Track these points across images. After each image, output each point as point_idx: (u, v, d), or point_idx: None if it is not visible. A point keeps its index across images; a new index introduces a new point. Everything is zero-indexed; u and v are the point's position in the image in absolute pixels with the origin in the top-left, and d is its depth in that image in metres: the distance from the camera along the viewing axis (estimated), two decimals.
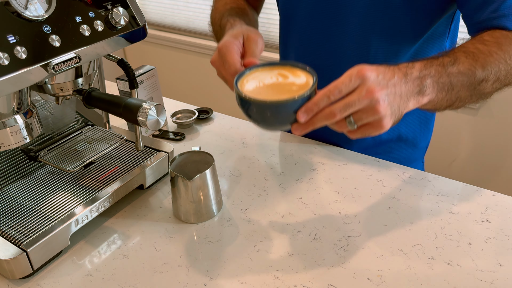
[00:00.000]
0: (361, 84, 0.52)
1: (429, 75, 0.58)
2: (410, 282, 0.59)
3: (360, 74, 0.52)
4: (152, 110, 0.61)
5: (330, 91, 0.52)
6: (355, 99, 0.51)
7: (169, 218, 0.72)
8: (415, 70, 0.57)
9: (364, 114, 0.52)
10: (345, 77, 0.52)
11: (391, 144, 0.91)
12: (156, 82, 0.95)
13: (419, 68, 0.57)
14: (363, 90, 0.51)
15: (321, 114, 0.53)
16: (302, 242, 0.66)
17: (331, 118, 0.52)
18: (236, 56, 0.62)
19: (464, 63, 0.61)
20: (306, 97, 0.53)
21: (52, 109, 0.80)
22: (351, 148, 0.88)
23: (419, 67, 0.57)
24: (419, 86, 0.56)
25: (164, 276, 0.61)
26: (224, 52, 0.62)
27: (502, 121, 1.62)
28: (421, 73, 0.57)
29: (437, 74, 0.58)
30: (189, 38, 2.32)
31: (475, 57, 0.62)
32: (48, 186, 0.73)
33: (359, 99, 0.51)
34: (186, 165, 0.73)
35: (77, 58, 0.59)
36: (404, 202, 0.73)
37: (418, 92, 0.57)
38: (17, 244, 0.60)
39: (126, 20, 0.64)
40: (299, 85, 0.56)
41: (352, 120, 0.53)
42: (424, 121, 0.93)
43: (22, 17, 0.54)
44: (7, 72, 0.52)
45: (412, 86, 0.56)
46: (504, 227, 0.67)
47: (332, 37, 0.83)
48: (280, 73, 0.59)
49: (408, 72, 0.56)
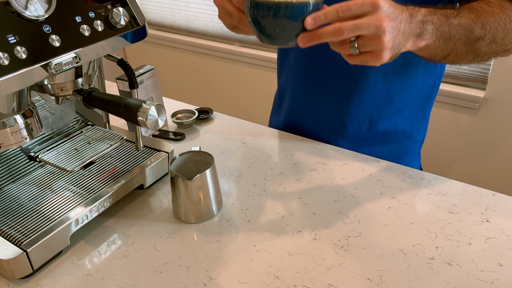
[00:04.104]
0: (372, 11, 0.54)
1: (431, 21, 0.60)
2: (410, 282, 0.59)
3: (373, 1, 0.54)
4: (152, 110, 0.61)
5: (340, 7, 0.54)
6: (365, 22, 0.53)
7: (169, 218, 0.72)
8: (420, 14, 0.59)
9: (369, 41, 0.55)
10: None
11: (388, 136, 0.92)
12: (156, 82, 0.95)
13: (424, 13, 0.60)
14: (373, 17, 0.53)
15: (330, 28, 0.54)
16: (302, 242, 0.66)
17: (338, 34, 0.54)
18: None
19: (466, 17, 0.64)
20: (316, 4, 0.54)
21: (52, 109, 0.80)
22: (348, 139, 0.88)
23: (424, 12, 0.60)
24: (420, 29, 0.59)
25: (164, 276, 0.61)
26: None
27: (502, 121, 1.62)
28: (425, 18, 0.60)
29: (438, 22, 0.61)
30: (189, 38, 2.32)
31: (477, 14, 0.65)
32: (48, 186, 0.73)
33: (368, 24, 0.53)
34: (186, 165, 0.73)
35: (77, 58, 0.59)
36: (404, 202, 0.73)
37: (418, 35, 0.59)
38: (17, 244, 0.60)
39: (126, 20, 0.64)
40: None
41: (356, 44, 0.55)
42: (421, 114, 0.93)
43: (22, 17, 0.54)
44: (7, 72, 0.52)
45: (414, 27, 0.58)
46: (504, 227, 0.67)
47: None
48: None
49: (414, 14, 0.58)
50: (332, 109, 0.91)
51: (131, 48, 2.60)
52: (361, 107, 0.89)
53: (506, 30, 0.67)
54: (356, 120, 0.91)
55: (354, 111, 0.90)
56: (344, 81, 0.87)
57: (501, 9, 0.67)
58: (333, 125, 0.92)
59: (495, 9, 0.67)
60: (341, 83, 0.87)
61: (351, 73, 0.85)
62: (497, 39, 0.67)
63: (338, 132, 0.92)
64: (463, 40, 0.65)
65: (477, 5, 0.67)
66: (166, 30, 2.42)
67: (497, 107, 1.60)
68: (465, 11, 0.65)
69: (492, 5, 0.68)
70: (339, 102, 0.89)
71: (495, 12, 0.66)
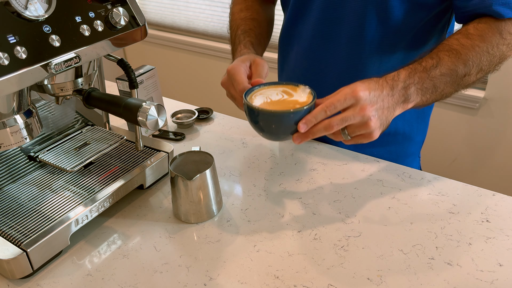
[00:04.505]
0: (355, 103, 0.60)
1: (413, 84, 0.65)
2: (410, 282, 0.59)
3: (354, 94, 0.60)
4: (152, 110, 0.61)
5: (327, 107, 0.60)
6: (350, 115, 0.60)
7: (169, 218, 0.72)
8: (400, 81, 0.65)
9: (357, 128, 0.61)
10: (341, 95, 0.60)
11: (388, 137, 0.92)
12: (156, 82, 0.95)
13: (404, 79, 0.65)
14: (357, 108, 0.60)
15: (320, 125, 0.60)
16: (302, 242, 0.66)
17: (329, 129, 0.60)
18: (244, 76, 0.69)
19: (446, 63, 0.67)
20: (307, 110, 0.60)
21: (52, 109, 0.80)
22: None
23: (403, 77, 0.65)
24: (404, 96, 0.65)
25: (164, 276, 0.61)
26: (233, 73, 0.69)
27: (502, 121, 1.62)
28: (405, 83, 0.65)
29: (420, 81, 0.66)
30: (189, 38, 2.32)
31: (457, 54, 0.67)
32: (48, 186, 0.73)
33: (353, 115, 0.59)
34: (186, 165, 0.73)
35: (77, 58, 0.59)
36: (404, 202, 0.73)
37: (404, 101, 0.65)
38: (17, 244, 0.60)
39: (126, 20, 0.64)
40: (301, 102, 0.64)
41: (346, 132, 0.62)
42: (421, 116, 0.93)
43: (22, 17, 0.54)
44: (7, 72, 0.52)
45: (398, 96, 0.64)
46: (504, 227, 0.67)
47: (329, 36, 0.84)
48: (284, 90, 0.67)
49: (394, 85, 0.64)
50: None
51: (131, 48, 2.60)
52: None
53: (490, 56, 0.69)
54: None
55: None
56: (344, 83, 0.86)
57: (481, 39, 0.68)
58: None
59: (475, 41, 0.68)
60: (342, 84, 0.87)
61: (351, 75, 0.85)
62: (483, 68, 0.69)
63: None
64: (449, 84, 0.68)
65: (456, 43, 0.69)
66: (166, 30, 2.42)
67: (497, 107, 1.60)
68: (445, 56, 0.68)
69: (472, 37, 0.69)
70: None
71: (475, 44, 0.68)
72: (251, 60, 0.73)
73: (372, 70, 0.84)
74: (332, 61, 0.85)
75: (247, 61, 0.73)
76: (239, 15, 0.92)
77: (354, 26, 0.79)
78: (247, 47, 0.81)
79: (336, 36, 0.82)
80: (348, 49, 0.82)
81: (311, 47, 0.87)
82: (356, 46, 0.82)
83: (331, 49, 0.84)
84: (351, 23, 0.79)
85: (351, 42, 0.81)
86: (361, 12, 0.78)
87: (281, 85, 0.68)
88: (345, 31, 0.81)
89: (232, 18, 0.94)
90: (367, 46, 0.81)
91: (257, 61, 0.72)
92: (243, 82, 0.68)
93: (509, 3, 0.68)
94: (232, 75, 0.69)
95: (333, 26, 0.82)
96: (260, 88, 0.67)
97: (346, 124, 0.60)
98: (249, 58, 0.73)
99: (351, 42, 0.81)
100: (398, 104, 0.65)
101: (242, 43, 0.83)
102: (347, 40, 0.82)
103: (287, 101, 0.65)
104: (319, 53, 0.86)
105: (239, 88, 0.67)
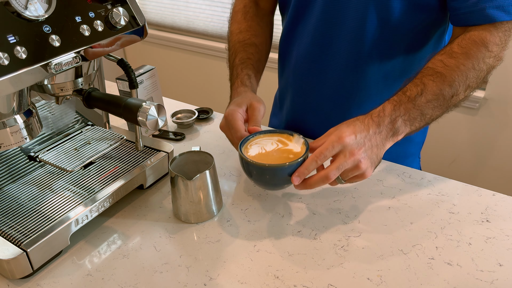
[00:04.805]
0: (343, 149, 0.62)
1: (399, 116, 0.67)
2: (410, 282, 0.59)
3: (341, 142, 0.62)
4: (152, 110, 0.61)
5: (317, 157, 0.62)
6: (343, 162, 0.62)
7: (169, 218, 0.72)
8: (386, 116, 0.66)
9: (350, 171, 0.63)
10: (328, 143, 0.62)
11: None
12: (156, 82, 0.95)
13: (390, 113, 0.67)
14: (346, 154, 0.62)
15: (317, 177, 0.63)
16: (302, 242, 0.66)
17: (326, 180, 0.62)
18: (240, 123, 0.71)
19: (432, 88, 0.68)
20: (299, 162, 0.63)
21: (52, 109, 0.80)
22: None
23: (389, 111, 0.67)
24: (392, 130, 0.67)
25: (164, 276, 0.61)
26: (230, 119, 0.72)
27: (502, 121, 1.62)
28: (392, 117, 0.66)
29: (407, 112, 0.67)
30: (189, 38, 2.32)
31: (442, 77, 0.68)
32: (48, 186, 0.73)
33: (345, 161, 0.62)
34: (186, 165, 0.73)
35: (77, 58, 0.59)
36: (404, 202, 0.73)
37: (393, 134, 0.67)
38: (17, 244, 0.60)
39: (126, 20, 0.64)
40: (295, 152, 0.67)
41: (340, 177, 0.64)
42: None
43: (22, 17, 0.54)
44: (7, 72, 0.52)
45: (386, 132, 0.66)
46: (504, 227, 0.67)
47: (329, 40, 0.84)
48: (279, 139, 0.70)
49: (381, 121, 0.66)
50: (333, 112, 0.91)
51: (131, 48, 2.60)
52: (361, 110, 0.89)
53: (476, 72, 0.69)
54: None
55: (354, 114, 0.89)
56: (345, 84, 0.87)
57: (466, 56, 0.69)
58: None
59: (459, 60, 0.69)
60: (342, 86, 0.87)
61: (352, 76, 0.85)
62: (470, 84, 0.70)
63: None
64: (437, 108, 0.69)
65: (441, 65, 0.69)
66: (166, 30, 2.42)
67: (497, 107, 1.60)
68: (429, 82, 0.68)
69: (456, 56, 0.69)
70: (340, 105, 0.89)
71: (460, 63, 0.68)
72: (247, 104, 0.75)
73: (372, 72, 0.84)
74: (333, 63, 0.85)
75: (244, 105, 0.74)
76: (238, 37, 0.92)
77: (354, 27, 0.79)
78: (243, 84, 0.83)
79: (336, 38, 0.82)
80: (348, 51, 0.82)
81: (311, 49, 0.87)
82: (356, 48, 0.82)
83: (331, 51, 0.84)
84: (352, 24, 0.79)
85: (352, 44, 0.81)
86: (361, 13, 0.78)
87: (276, 134, 0.71)
88: (346, 32, 0.81)
89: (231, 39, 0.94)
90: (367, 48, 0.81)
91: (254, 105, 0.74)
92: (240, 130, 0.70)
93: (504, 6, 0.67)
94: (229, 122, 0.72)
95: (334, 28, 0.82)
96: (256, 137, 0.70)
97: (341, 171, 0.63)
98: (245, 102, 0.75)
99: (351, 43, 0.81)
100: (387, 139, 0.67)
101: (239, 77, 0.84)
102: (348, 42, 0.82)
103: (281, 150, 0.67)
104: (320, 55, 0.86)
105: (236, 136, 0.70)
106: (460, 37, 0.71)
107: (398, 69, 0.84)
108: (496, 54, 0.70)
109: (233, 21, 0.96)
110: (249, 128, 0.72)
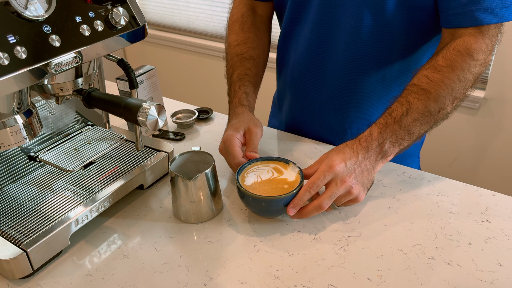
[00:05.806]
0: (334, 177, 0.65)
1: (386, 138, 0.69)
2: (410, 282, 0.59)
3: (331, 170, 0.65)
4: (152, 110, 0.61)
5: (309, 187, 0.65)
6: (335, 190, 0.65)
7: (169, 218, 0.72)
8: (374, 140, 0.69)
9: (343, 198, 0.66)
10: (320, 173, 0.65)
11: None
12: (156, 82, 0.95)
13: (377, 136, 0.69)
14: (338, 182, 0.65)
15: (311, 207, 0.65)
16: (302, 242, 0.66)
17: (320, 210, 0.65)
18: (238, 149, 0.74)
19: (417, 106, 0.69)
20: (294, 194, 0.65)
21: (52, 109, 0.80)
22: None
23: (376, 135, 0.69)
24: (380, 153, 0.69)
25: (164, 276, 0.61)
26: (228, 145, 0.75)
27: (502, 121, 1.62)
28: (379, 140, 0.69)
29: (393, 134, 0.69)
30: (189, 38, 2.32)
31: (427, 93, 0.69)
32: (48, 186, 0.73)
33: (337, 189, 0.65)
34: (186, 165, 0.73)
35: (77, 58, 0.59)
36: (404, 202, 0.73)
37: (382, 157, 0.69)
38: (17, 244, 0.60)
39: (126, 20, 0.64)
40: (290, 182, 0.69)
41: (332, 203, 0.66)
42: None
43: (22, 17, 0.54)
44: (7, 72, 0.52)
45: (375, 156, 0.69)
46: (504, 227, 0.67)
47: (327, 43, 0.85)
48: (275, 167, 0.72)
49: (368, 146, 0.68)
50: (332, 113, 0.91)
51: (131, 48, 2.60)
52: (360, 111, 0.89)
53: (462, 82, 0.69)
54: (355, 124, 0.91)
55: (353, 115, 0.90)
56: (343, 85, 0.87)
57: (450, 69, 0.69)
58: (333, 129, 0.93)
59: (444, 74, 0.69)
60: (340, 87, 0.87)
61: (350, 77, 0.85)
62: (457, 96, 0.70)
63: (338, 136, 0.92)
64: (424, 124, 0.70)
65: (426, 80, 0.69)
66: (166, 30, 2.42)
67: (497, 107, 1.60)
68: (414, 100, 0.69)
69: (441, 69, 0.69)
70: (338, 106, 0.89)
71: (445, 77, 0.69)
72: (245, 128, 0.77)
73: (370, 72, 0.84)
74: (330, 64, 0.85)
75: (241, 130, 0.77)
76: (235, 50, 0.92)
77: (350, 29, 0.80)
78: (241, 104, 0.85)
79: (333, 39, 0.83)
80: (345, 52, 0.83)
81: (308, 51, 0.87)
82: (353, 49, 0.82)
83: (328, 52, 0.84)
84: (348, 26, 0.80)
85: (348, 45, 0.82)
86: (357, 15, 0.78)
87: (272, 161, 0.73)
88: (342, 34, 0.81)
89: (228, 51, 0.94)
90: (364, 49, 0.81)
91: (251, 130, 0.77)
92: (237, 157, 0.73)
93: (492, 8, 0.67)
94: (227, 147, 0.75)
95: (330, 30, 0.82)
96: (253, 164, 0.72)
97: (333, 199, 0.65)
98: (243, 126, 0.78)
99: (348, 45, 0.81)
100: (377, 162, 0.69)
101: (237, 96, 0.86)
102: (344, 43, 0.82)
103: (276, 180, 0.69)
104: (317, 56, 0.86)
105: (234, 162, 0.73)
106: (446, 47, 0.71)
107: (396, 70, 0.84)
108: (483, 62, 0.70)
109: (231, 31, 0.96)
110: (246, 154, 0.74)
